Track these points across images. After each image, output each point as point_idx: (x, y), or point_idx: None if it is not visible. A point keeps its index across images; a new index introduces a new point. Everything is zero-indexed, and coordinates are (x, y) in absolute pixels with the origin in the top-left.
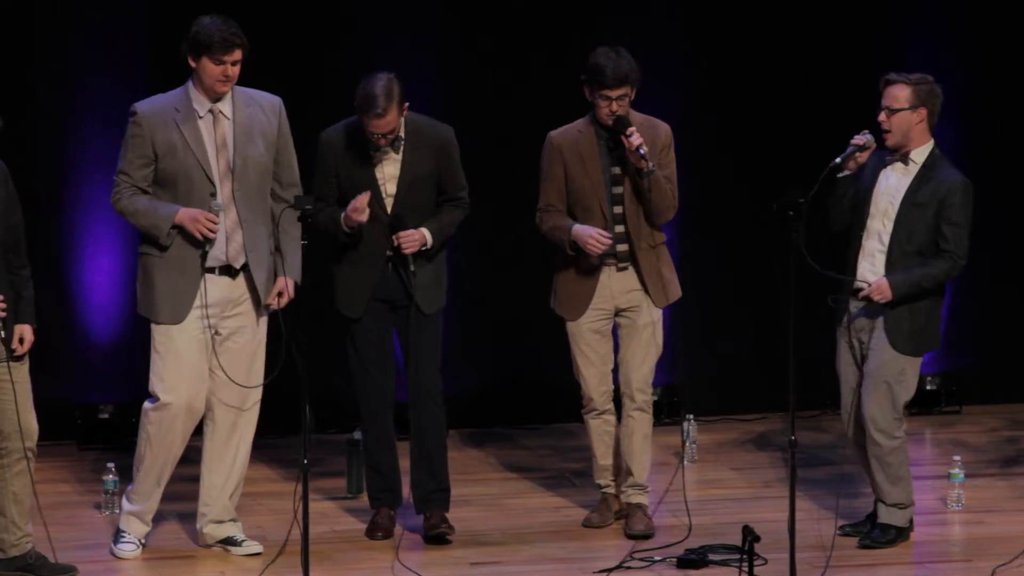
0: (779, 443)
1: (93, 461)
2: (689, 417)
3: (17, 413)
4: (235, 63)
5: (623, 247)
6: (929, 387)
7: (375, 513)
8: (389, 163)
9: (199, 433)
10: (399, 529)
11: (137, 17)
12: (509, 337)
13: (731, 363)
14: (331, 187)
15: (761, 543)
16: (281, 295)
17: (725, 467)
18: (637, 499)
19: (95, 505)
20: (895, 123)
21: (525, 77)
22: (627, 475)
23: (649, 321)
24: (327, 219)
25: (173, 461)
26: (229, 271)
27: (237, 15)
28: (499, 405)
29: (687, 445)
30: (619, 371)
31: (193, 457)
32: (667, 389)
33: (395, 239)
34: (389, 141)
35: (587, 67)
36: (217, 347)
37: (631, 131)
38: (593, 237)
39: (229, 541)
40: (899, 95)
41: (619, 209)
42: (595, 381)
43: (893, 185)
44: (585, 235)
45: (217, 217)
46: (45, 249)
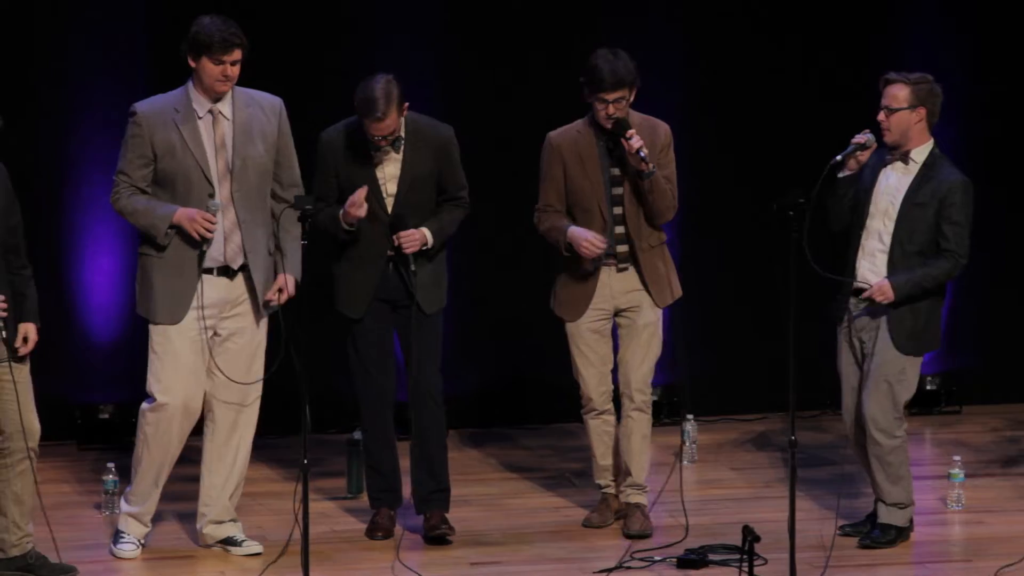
0: (779, 443)
1: (93, 461)
2: (689, 417)
3: (20, 413)
4: (235, 63)
5: (623, 248)
6: (929, 387)
7: (375, 513)
8: (390, 163)
9: (199, 433)
10: (399, 529)
11: (137, 17)
12: (509, 337)
13: (731, 363)
14: (331, 187)
15: (761, 543)
16: (281, 291)
17: (725, 467)
18: (636, 499)
19: (95, 505)
20: (894, 122)
21: (525, 77)
22: (626, 475)
23: (649, 321)
24: (326, 218)
25: (170, 462)
26: (227, 272)
27: (237, 15)
28: (499, 405)
29: (687, 445)
30: (618, 371)
31: (193, 457)
32: (667, 389)
33: (396, 239)
34: (390, 141)
35: (585, 69)
36: (216, 348)
37: (631, 133)
38: (588, 240)
39: (229, 541)
40: (898, 94)
41: (619, 210)
42: (594, 381)
43: (893, 185)
44: (580, 238)
45: (214, 217)
46: (45, 249)
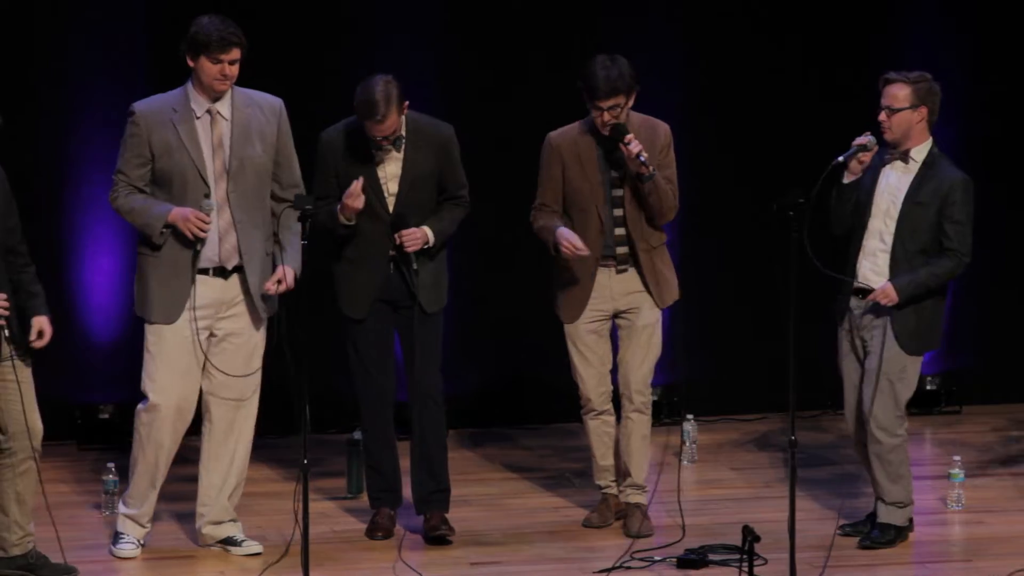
0: (779, 443)
1: (93, 461)
2: (689, 417)
3: (24, 413)
4: (233, 62)
5: (623, 249)
6: (929, 387)
7: (375, 513)
8: (391, 162)
9: (199, 433)
10: (400, 529)
11: (137, 17)
12: (509, 337)
13: (731, 363)
14: (331, 187)
15: (761, 543)
16: (280, 283)
17: (725, 467)
18: (636, 499)
19: (95, 505)
20: (896, 122)
21: (525, 77)
22: (625, 475)
23: (648, 322)
24: (325, 215)
25: (166, 463)
26: (222, 272)
27: (236, 15)
28: (499, 405)
29: (687, 445)
30: (618, 372)
31: (193, 457)
32: (667, 389)
33: (397, 237)
34: (391, 140)
35: (582, 75)
36: (212, 348)
37: (629, 138)
38: (570, 241)
39: (229, 541)
40: (899, 94)
41: (620, 211)
42: (593, 382)
43: (894, 184)
44: (563, 237)
45: (208, 217)
46: (45, 249)
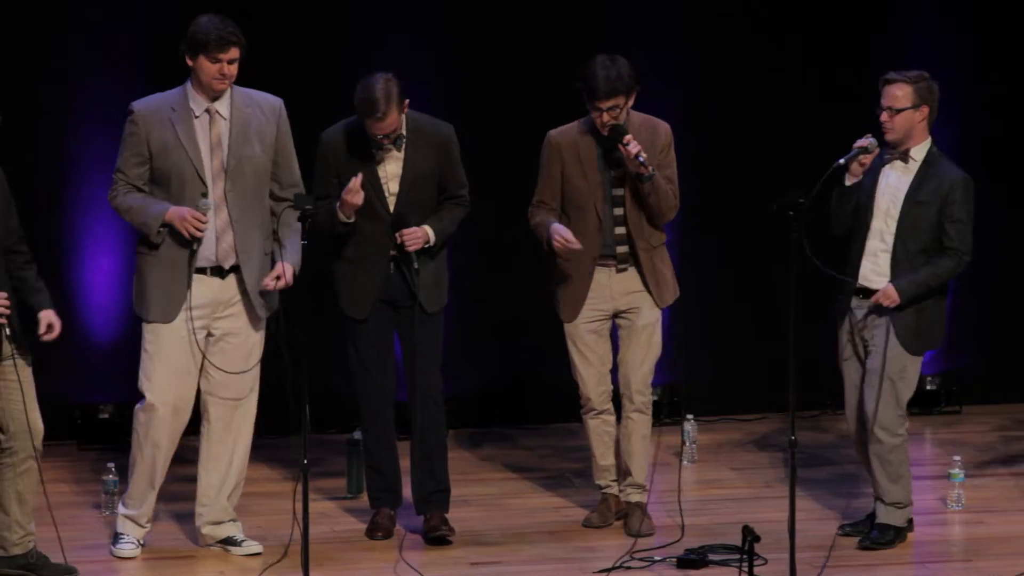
0: (779, 443)
1: (93, 461)
2: (689, 417)
3: (26, 412)
4: (232, 61)
5: (623, 248)
6: (929, 387)
7: (375, 513)
8: (391, 162)
9: (198, 432)
10: (400, 529)
11: (137, 17)
12: (509, 337)
13: (731, 363)
14: (332, 187)
15: (761, 543)
16: (279, 279)
17: (725, 467)
18: (636, 498)
19: (95, 505)
20: (898, 122)
21: (525, 77)
22: (626, 475)
23: (648, 322)
24: (325, 214)
25: (164, 463)
26: (219, 272)
27: (236, 15)
28: (499, 405)
29: (687, 445)
30: (618, 372)
31: (192, 457)
32: (667, 389)
33: (398, 237)
34: (392, 139)
35: (581, 76)
36: (210, 347)
37: (628, 139)
38: (561, 235)
39: (229, 541)
40: (900, 94)
41: (620, 211)
42: (593, 382)
43: (894, 184)
44: (555, 232)
45: (205, 216)
46: (45, 249)
